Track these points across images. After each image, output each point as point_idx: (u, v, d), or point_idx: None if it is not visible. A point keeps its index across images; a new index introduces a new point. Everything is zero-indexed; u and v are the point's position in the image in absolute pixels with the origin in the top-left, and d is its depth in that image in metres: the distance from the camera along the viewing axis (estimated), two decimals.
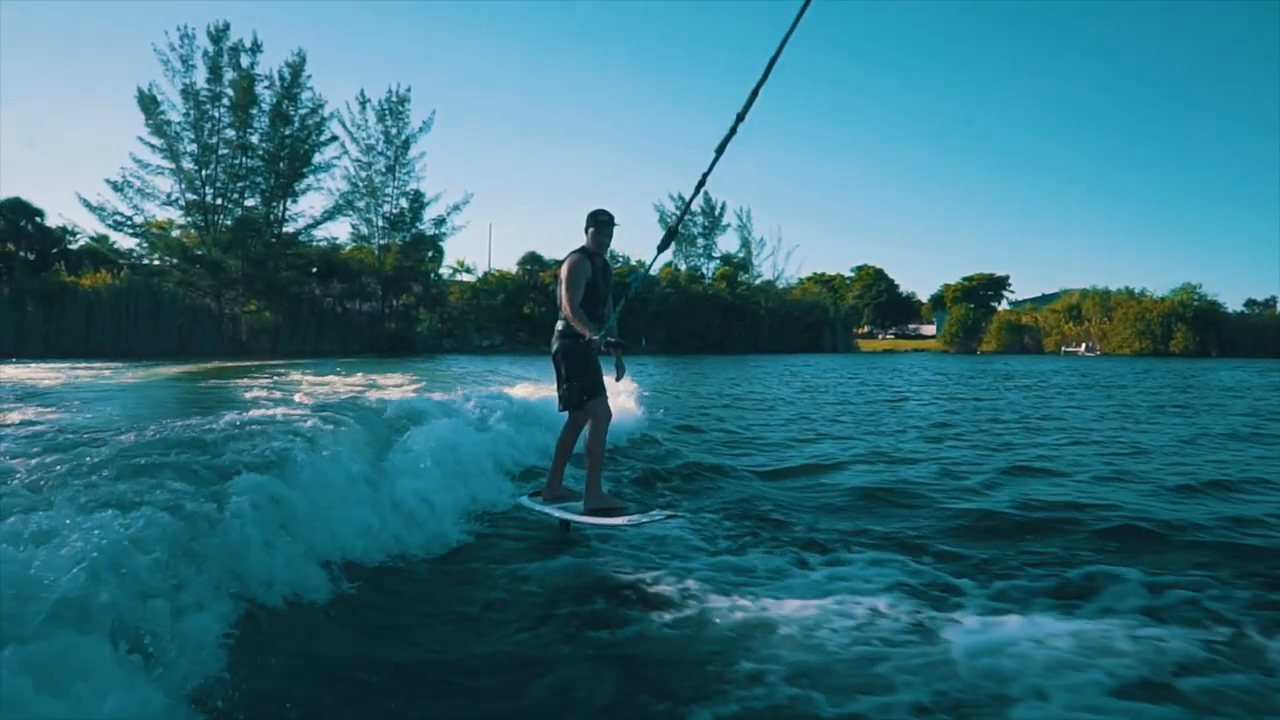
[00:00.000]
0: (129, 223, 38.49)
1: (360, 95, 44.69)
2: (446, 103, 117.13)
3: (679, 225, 4.70)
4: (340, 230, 57.41)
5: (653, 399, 10.92)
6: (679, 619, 3.20)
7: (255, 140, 40.26)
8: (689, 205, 5.21)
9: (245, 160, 40.09)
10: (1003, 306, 77.14)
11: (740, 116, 3.66)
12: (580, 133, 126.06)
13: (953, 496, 5.66)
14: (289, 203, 42.21)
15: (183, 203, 39.16)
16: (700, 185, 3.97)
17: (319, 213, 43.31)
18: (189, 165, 38.81)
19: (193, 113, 38.52)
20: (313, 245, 43.25)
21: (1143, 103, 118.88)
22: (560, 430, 4.68)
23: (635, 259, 50.69)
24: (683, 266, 61.00)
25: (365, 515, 4.00)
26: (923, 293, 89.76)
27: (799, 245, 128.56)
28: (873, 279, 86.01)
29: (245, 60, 39.08)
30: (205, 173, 39.21)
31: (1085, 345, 63.36)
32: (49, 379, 14.98)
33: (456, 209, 46.07)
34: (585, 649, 2.92)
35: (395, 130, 44.88)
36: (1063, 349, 63.92)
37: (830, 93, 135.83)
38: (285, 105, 40.44)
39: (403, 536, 4.12)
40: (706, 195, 54.27)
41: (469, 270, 53.61)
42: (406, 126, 45.00)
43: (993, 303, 77.34)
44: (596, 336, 4.15)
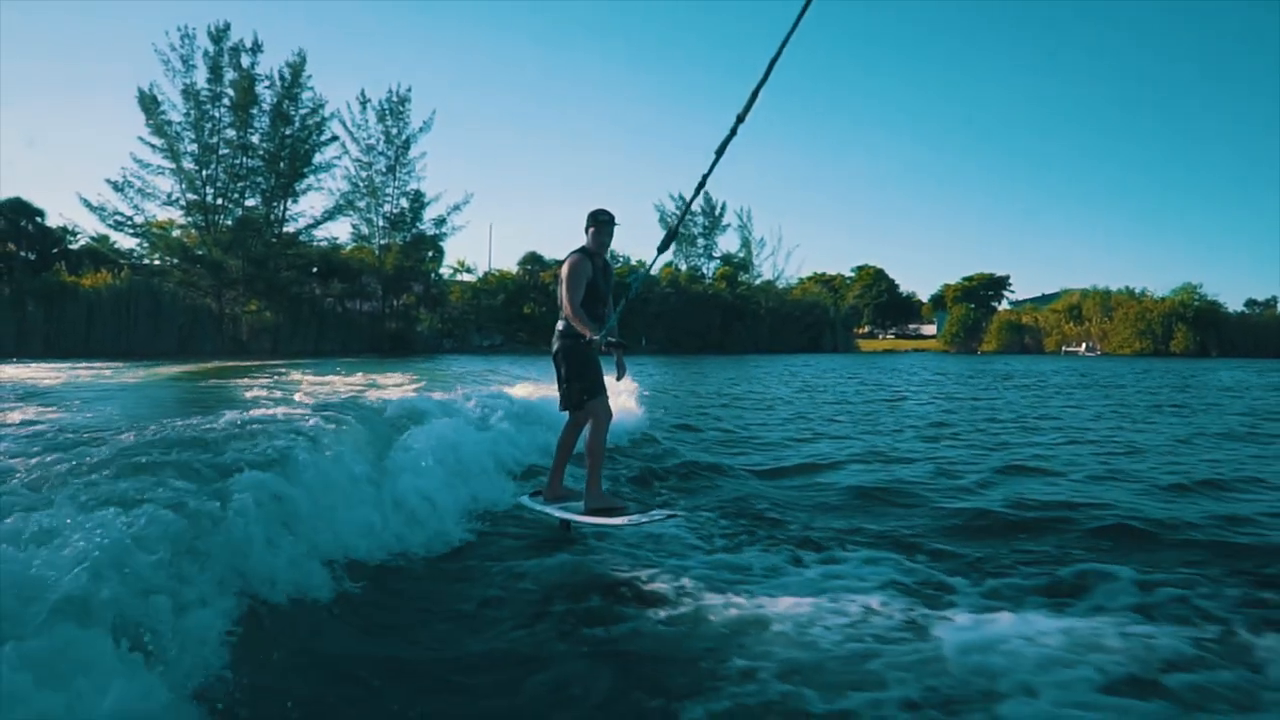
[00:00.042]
0: (129, 223, 38.64)
1: (361, 95, 44.85)
2: (447, 103, 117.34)
3: (679, 227, 4.67)
4: (341, 230, 57.46)
5: (652, 398, 10.94)
6: (674, 616, 3.23)
7: (256, 140, 40.42)
8: (689, 207, 5.22)
9: (246, 160, 40.16)
10: (1003, 306, 77.12)
11: (740, 118, 3.64)
12: (581, 132, 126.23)
13: (947, 495, 5.68)
14: (289, 203, 42.35)
15: (183, 203, 39.27)
16: (700, 187, 3.96)
17: (319, 213, 43.51)
18: (189, 165, 38.94)
19: (193, 113, 38.62)
20: (313, 245, 43.31)
21: (1143, 103, 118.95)
22: (561, 429, 4.69)
23: (635, 259, 50.83)
24: (683, 266, 61.01)
25: (367, 514, 4.01)
26: (923, 293, 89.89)
27: (799, 245, 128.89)
28: (873, 279, 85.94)
29: (246, 60, 39.28)
30: (206, 173, 39.31)
31: (1086, 345, 63.33)
32: (50, 379, 15.02)
33: (457, 209, 46.22)
34: (581, 646, 2.95)
35: (396, 130, 45.01)
36: (1063, 349, 63.88)
37: (830, 92, 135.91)
38: (286, 105, 40.52)
39: (404, 535, 4.14)
40: (707, 195, 54.23)
41: (469, 270, 53.79)
42: (407, 126, 45.15)
43: (993, 303, 77.25)
44: (597, 336, 4.14)
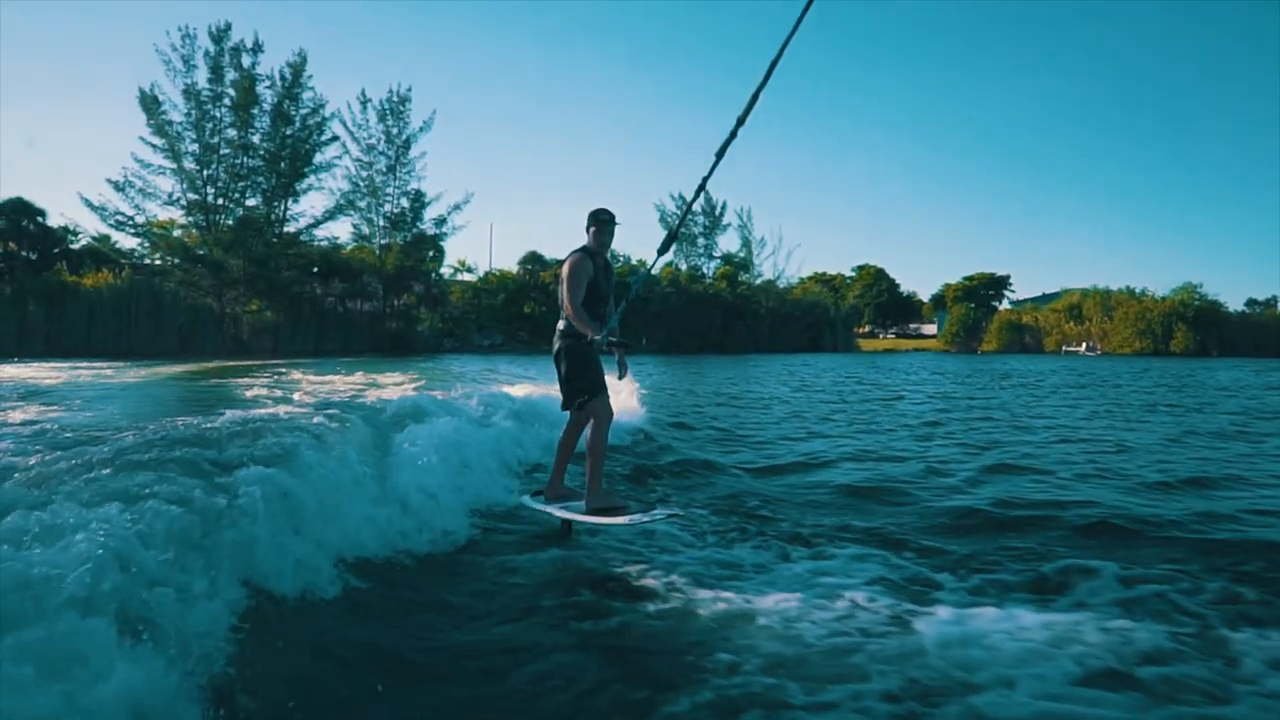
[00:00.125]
0: (130, 222, 38.55)
1: (361, 95, 44.68)
2: (447, 102, 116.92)
3: (679, 228, 4.68)
4: (341, 230, 57.28)
5: (651, 398, 11.00)
6: (663, 610, 3.29)
7: (256, 140, 40.28)
8: (689, 208, 5.24)
9: (246, 160, 40.08)
10: (1003, 306, 76.94)
11: (741, 120, 3.67)
12: (581, 132, 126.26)
13: (937, 494, 5.75)
14: (290, 202, 42.22)
15: (184, 202, 39.20)
16: (700, 188, 3.99)
17: (320, 212, 43.30)
18: (190, 165, 38.85)
19: (194, 113, 38.55)
20: (314, 245, 43.24)
21: (1143, 102, 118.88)
22: (562, 428, 4.72)
23: (636, 259, 50.83)
24: (683, 266, 60.94)
25: (371, 510, 4.05)
26: (924, 292, 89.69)
27: (799, 245, 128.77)
28: (873, 278, 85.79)
29: (246, 60, 39.09)
30: (207, 172, 39.25)
31: (1086, 345, 63.28)
32: (51, 378, 15.05)
33: (457, 208, 46.09)
34: (570, 638, 3.01)
35: (396, 130, 44.90)
36: (1063, 348, 63.82)
37: (830, 92, 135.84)
38: (286, 105, 40.44)
39: (408, 532, 4.17)
40: (707, 195, 54.07)
41: (470, 270, 53.70)
42: (407, 126, 45.05)
43: (994, 302, 77.07)
44: (598, 336, 4.15)
